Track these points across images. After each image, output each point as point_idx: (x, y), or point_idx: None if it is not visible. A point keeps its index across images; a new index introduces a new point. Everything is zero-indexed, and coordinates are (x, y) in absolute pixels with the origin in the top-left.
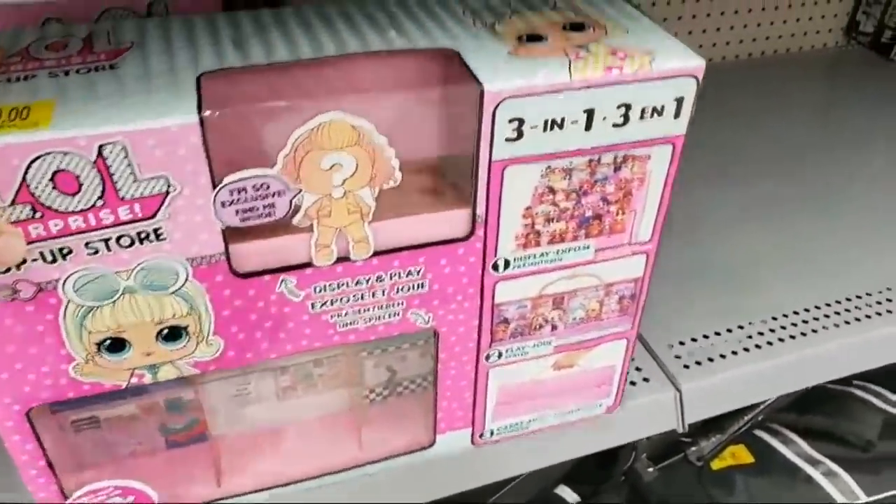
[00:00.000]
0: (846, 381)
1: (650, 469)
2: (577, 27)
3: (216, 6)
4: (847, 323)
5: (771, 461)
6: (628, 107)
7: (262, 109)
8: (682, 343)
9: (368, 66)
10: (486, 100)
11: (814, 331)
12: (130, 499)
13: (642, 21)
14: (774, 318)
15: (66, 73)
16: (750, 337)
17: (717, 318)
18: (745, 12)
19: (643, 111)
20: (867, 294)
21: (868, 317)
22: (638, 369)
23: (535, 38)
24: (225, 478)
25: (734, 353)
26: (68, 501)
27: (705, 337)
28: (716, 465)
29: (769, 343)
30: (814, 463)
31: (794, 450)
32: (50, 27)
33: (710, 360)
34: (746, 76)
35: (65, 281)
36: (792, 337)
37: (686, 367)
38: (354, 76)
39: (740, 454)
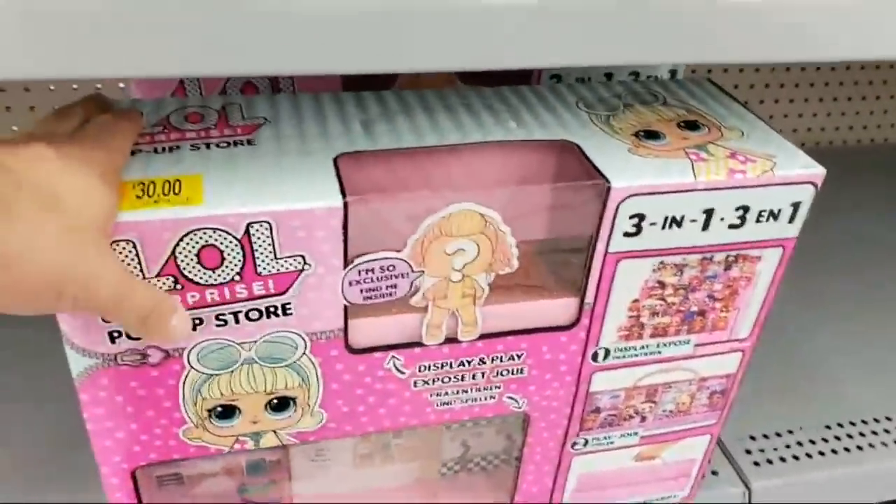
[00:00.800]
0: None
1: None
2: (692, 125)
3: (336, 84)
4: None
5: None
6: (746, 209)
7: (398, 198)
8: (753, 438)
9: (488, 154)
10: (612, 196)
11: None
12: None
13: (756, 123)
14: (853, 424)
15: (208, 146)
16: (826, 440)
17: (794, 416)
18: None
19: (760, 214)
20: None
21: None
22: (707, 460)
23: (652, 135)
24: None
25: (808, 455)
26: None
27: (778, 435)
28: None
29: (846, 449)
30: None
31: None
32: (188, 99)
33: (783, 459)
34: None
35: (191, 349)
36: (872, 445)
37: (756, 463)
38: (475, 164)
39: None
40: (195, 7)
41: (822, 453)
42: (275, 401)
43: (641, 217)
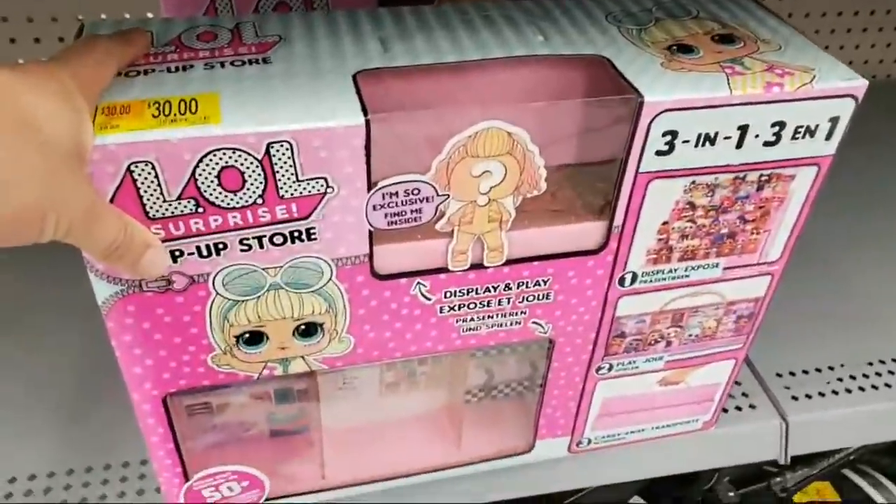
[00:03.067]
0: None
1: (731, 493)
2: (727, 39)
3: (372, 2)
4: None
5: (858, 501)
6: (782, 125)
7: (423, 115)
8: (792, 374)
9: (514, 71)
10: (644, 111)
11: None
12: (245, 483)
13: (795, 36)
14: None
15: (222, 65)
16: (867, 376)
17: (835, 351)
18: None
19: (797, 130)
20: None
21: None
22: (745, 395)
23: (685, 48)
24: (329, 469)
25: (848, 391)
26: (189, 483)
27: (818, 370)
28: (798, 498)
29: (888, 385)
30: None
31: (884, 495)
32: (197, 18)
33: (822, 394)
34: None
35: (216, 275)
36: None
37: (795, 398)
38: (500, 82)
39: (825, 491)
40: None
41: (861, 389)
42: (302, 326)
43: (674, 134)
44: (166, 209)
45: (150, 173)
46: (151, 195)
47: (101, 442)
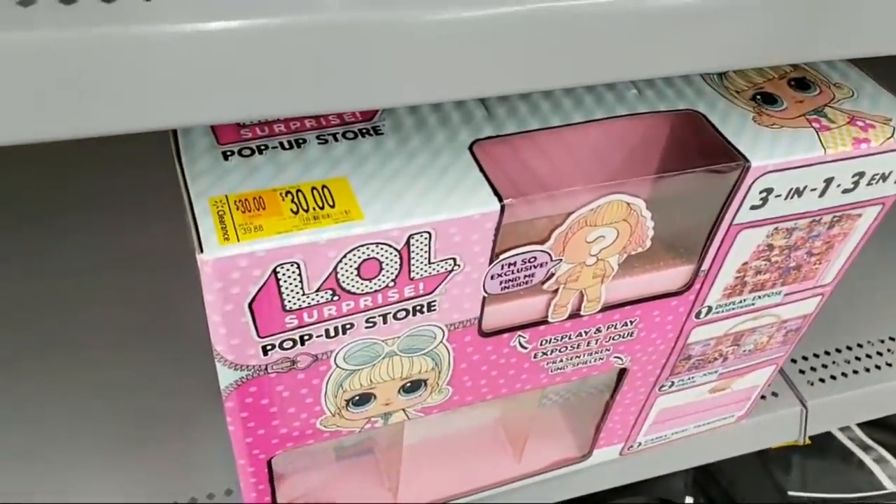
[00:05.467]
0: None
1: None
2: (802, 84)
3: None
4: None
5: (827, 445)
6: (862, 174)
7: (554, 195)
8: (804, 358)
9: (612, 130)
10: (749, 174)
11: None
12: None
13: (862, 79)
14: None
15: (335, 138)
16: (881, 354)
17: (842, 334)
18: None
19: (873, 177)
20: None
21: None
22: (768, 385)
23: (769, 99)
24: (402, 491)
25: (855, 371)
26: None
27: (826, 353)
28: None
29: (888, 364)
30: (866, 448)
31: (848, 435)
32: None
33: (833, 377)
34: None
35: (339, 351)
36: None
37: (810, 383)
38: (600, 144)
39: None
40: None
41: (878, 367)
42: (408, 384)
43: (770, 191)
44: (303, 301)
45: (294, 272)
46: (292, 291)
47: (182, 475)
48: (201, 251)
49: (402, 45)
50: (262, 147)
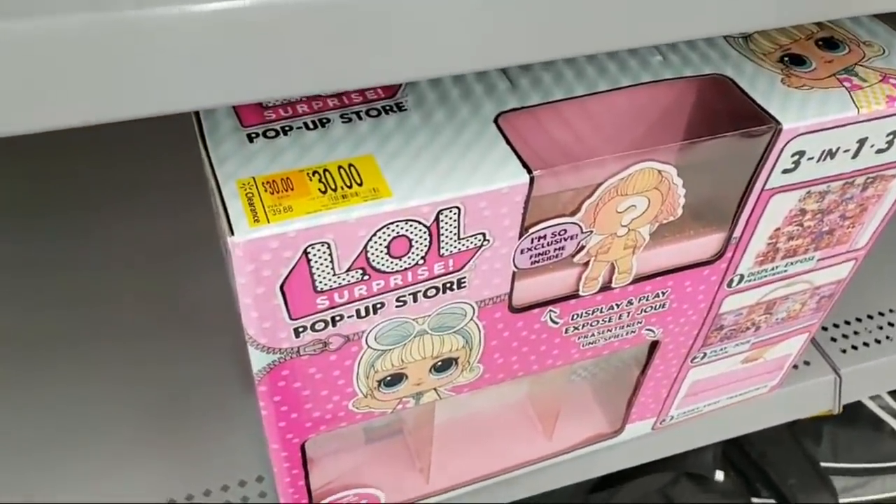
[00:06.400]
0: None
1: None
2: (831, 44)
3: None
4: None
5: (858, 414)
6: (895, 133)
7: (583, 165)
8: (836, 325)
9: (636, 98)
10: (781, 137)
11: None
12: (364, 502)
13: (894, 37)
14: None
15: (359, 116)
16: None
17: (874, 300)
18: None
19: None
20: None
21: None
22: (800, 354)
23: (797, 60)
24: (433, 472)
25: (889, 338)
26: None
27: (858, 320)
28: None
29: None
30: None
31: (879, 403)
32: None
33: (866, 344)
34: None
35: (370, 331)
36: None
37: (843, 350)
38: (624, 112)
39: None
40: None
41: None
42: (439, 363)
43: (802, 153)
44: (334, 281)
45: (324, 252)
46: (323, 271)
47: (212, 463)
48: (232, 234)
49: (423, 17)
50: (287, 128)
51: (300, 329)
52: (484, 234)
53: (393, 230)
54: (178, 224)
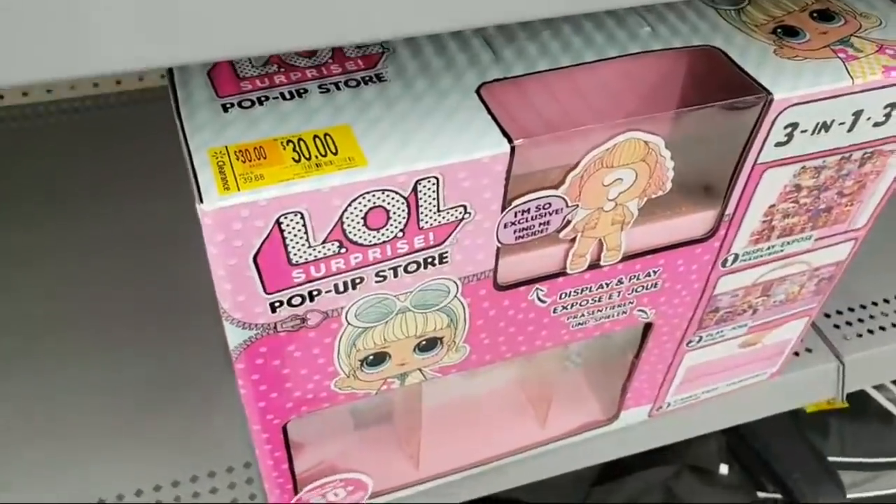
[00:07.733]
0: None
1: None
2: (826, 16)
3: None
4: None
5: (865, 406)
6: (894, 106)
7: (566, 135)
8: (839, 312)
9: (624, 69)
10: (772, 108)
11: None
12: (350, 489)
13: (893, 9)
14: None
15: (337, 87)
16: None
17: (877, 286)
18: None
19: None
20: None
21: None
22: (800, 339)
23: (790, 31)
24: (423, 458)
25: (893, 325)
26: (299, 495)
27: (862, 307)
28: (810, 408)
29: None
30: None
31: (886, 395)
32: None
33: (871, 331)
34: None
35: (349, 307)
36: None
37: (846, 338)
38: (612, 83)
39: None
40: None
41: None
42: (423, 342)
43: (795, 126)
44: (310, 254)
45: (298, 222)
46: (297, 243)
47: (198, 448)
48: (201, 202)
49: None
50: (263, 98)
51: (276, 304)
52: (465, 207)
53: (369, 200)
54: (163, 208)
